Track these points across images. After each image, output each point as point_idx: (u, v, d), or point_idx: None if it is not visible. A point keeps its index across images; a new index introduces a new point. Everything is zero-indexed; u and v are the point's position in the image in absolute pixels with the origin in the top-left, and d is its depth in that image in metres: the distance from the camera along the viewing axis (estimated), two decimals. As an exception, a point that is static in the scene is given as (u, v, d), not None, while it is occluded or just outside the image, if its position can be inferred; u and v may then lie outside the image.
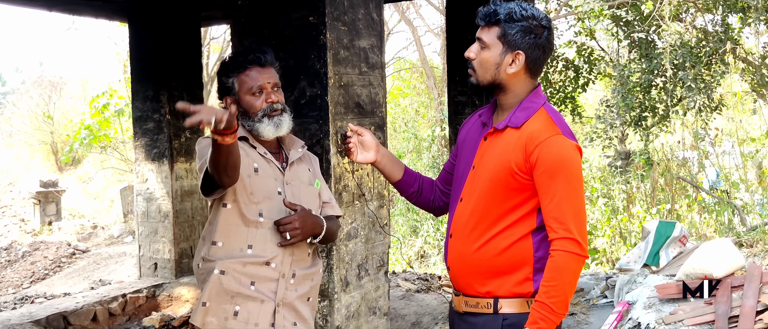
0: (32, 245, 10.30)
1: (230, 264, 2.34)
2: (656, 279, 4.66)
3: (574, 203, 2.03)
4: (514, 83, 2.13)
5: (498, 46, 2.10)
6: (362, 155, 2.40)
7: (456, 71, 5.92)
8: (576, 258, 2.02)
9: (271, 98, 2.39)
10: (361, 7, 3.60)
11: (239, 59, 2.42)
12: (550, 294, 2.00)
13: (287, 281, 2.40)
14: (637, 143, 14.16)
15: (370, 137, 2.40)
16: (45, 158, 18.31)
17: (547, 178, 2.03)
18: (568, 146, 2.06)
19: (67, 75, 22.62)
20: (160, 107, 6.43)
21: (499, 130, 2.14)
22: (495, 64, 2.11)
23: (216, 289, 2.34)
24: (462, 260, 2.18)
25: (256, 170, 2.38)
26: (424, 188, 2.46)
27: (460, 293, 2.22)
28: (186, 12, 6.54)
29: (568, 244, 2.01)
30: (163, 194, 6.47)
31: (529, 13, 2.08)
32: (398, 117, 17.52)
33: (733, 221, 7.58)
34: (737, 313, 3.66)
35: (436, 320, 5.63)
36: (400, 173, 2.44)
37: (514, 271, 2.12)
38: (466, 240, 2.17)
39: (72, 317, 5.58)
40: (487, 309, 2.14)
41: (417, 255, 11.03)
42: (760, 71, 12.31)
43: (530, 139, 2.06)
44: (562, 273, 2.01)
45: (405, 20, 16.65)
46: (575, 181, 2.05)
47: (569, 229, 2.02)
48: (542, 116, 2.11)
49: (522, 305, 2.12)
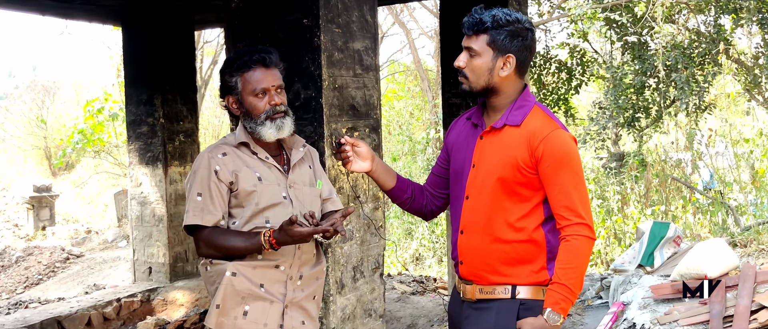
0: (26, 250, 10.25)
1: (241, 266, 2.34)
2: (651, 279, 4.67)
3: (580, 191, 2.18)
4: (505, 84, 2.24)
5: (489, 53, 2.20)
6: (358, 165, 2.45)
7: (450, 74, 5.93)
8: (589, 241, 2.16)
9: (275, 100, 2.37)
10: (355, 9, 3.60)
11: (244, 58, 2.38)
12: (568, 275, 2.14)
13: (294, 282, 2.42)
14: (630, 144, 14.20)
15: (365, 148, 2.45)
16: (38, 162, 18.24)
17: (553, 170, 2.17)
18: (568, 139, 2.21)
19: (60, 79, 22.57)
20: (154, 110, 6.41)
21: (497, 129, 2.25)
22: (488, 70, 2.21)
23: (228, 290, 2.34)
24: (477, 253, 2.27)
25: (259, 180, 2.37)
26: (416, 194, 2.54)
27: (472, 282, 2.30)
28: (179, 15, 6.54)
29: (581, 229, 2.15)
30: (158, 198, 6.45)
31: (514, 17, 2.20)
32: (393, 120, 17.52)
33: (727, 222, 7.61)
34: (732, 313, 3.67)
35: (431, 322, 5.63)
36: (393, 182, 2.50)
37: (530, 262, 2.23)
38: (481, 235, 2.26)
39: (66, 322, 5.56)
40: (505, 294, 2.24)
41: (412, 258, 11.03)
42: (753, 72, 12.36)
43: (533, 135, 2.18)
44: (577, 255, 2.14)
45: (399, 23, 16.66)
46: (578, 170, 2.20)
47: (580, 215, 2.16)
48: (539, 113, 2.24)
49: (538, 292, 2.23)
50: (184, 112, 6.63)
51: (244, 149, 2.41)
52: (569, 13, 12.10)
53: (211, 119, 17.17)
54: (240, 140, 2.40)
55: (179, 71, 6.59)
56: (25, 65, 42.01)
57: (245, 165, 2.36)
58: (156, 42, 6.41)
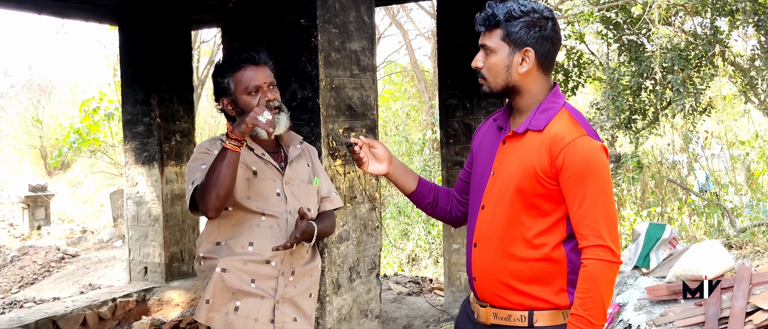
0: (21, 249, 10.22)
1: (231, 262, 2.38)
2: (647, 280, 4.68)
3: (605, 208, 1.94)
4: (528, 82, 2.03)
5: (504, 48, 2.00)
6: (374, 167, 2.26)
7: (447, 74, 5.92)
8: (610, 265, 1.92)
9: (268, 96, 2.40)
10: (352, 9, 3.60)
11: (233, 59, 2.42)
12: (586, 305, 1.90)
13: (286, 278, 2.44)
14: (627, 145, 14.22)
15: (382, 149, 2.27)
16: (34, 162, 18.20)
17: (574, 182, 1.93)
18: (595, 148, 1.96)
19: (56, 79, 22.55)
20: (151, 110, 6.40)
21: (519, 133, 2.03)
22: (505, 67, 2.01)
23: (218, 286, 2.38)
24: (489, 270, 2.07)
25: (254, 173, 2.40)
26: (439, 199, 2.35)
27: (486, 304, 2.11)
28: (176, 15, 6.53)
29: (601, 252, 1.92)
30: (154, 198, 6.44)
31: (529, 7, 1.99)
32: (389, 121, 17.52)
33: (723, 224, 7.63)
34: (727, 315, 3.68)
35: (427, 323, 5.63)
36: (414, 185, 2.32)
37: (548, 283, 2.02)
38: (493, 250, 2.06)
39: (61, 322, 5.55)
40: (522, 322, 2.03)
41: (408, 258, 11.02)
42: (749, 74, 12.40)
43: (554, 142, 1.95)
44: (597, 283, 1.91)
45: (396, 24, 16.66)
46: (604, 184, 1.95)
47: (601, 236, 1.92)
48: (564, 116, 2.01)
49: (557, 317, 2.03)
50: (180, 112, 6.62)
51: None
52: (566, 15, 12.12)
53: (208, 119, 17.17)
54: None
55: (176, 71, 6.58)
56: (21, 64, 41.95)
57: (242, 158, 2.38)
58: (152, 42, 6.39)
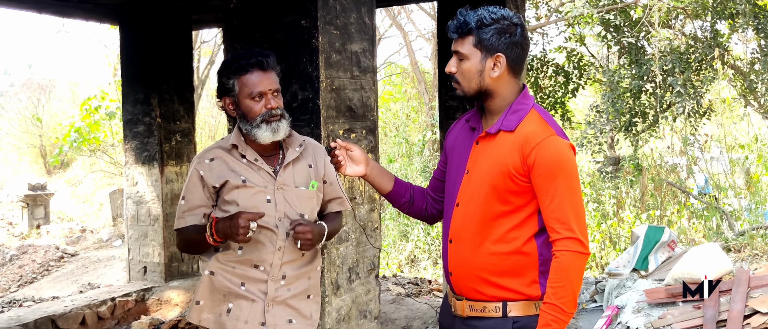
0: (20, 248, 10.22)
1: (219, 266, 2.42)
2: (645, 283, 4.68)
3: (573, 203, 2.06)
4: (499, 86, 2.14)
5: (476, 54, 2.12)
6: (352, 169, 2.39)
7: (447, 76, 5.93)
8: (580, 256, 2.05)
9: (271, 103, 2.39)
10: (353, 11, 3.60)
11: (241, 61, 2.41)
12: (558, 294, 2.02)
13: (277, 282, 2.44)
14: (626, 148, 14.24)
15: (358, 151, 2.39)
16: (33, 161, 18.21)
17: (545, 179, 2.05)
18: (564, 146, 2.08)
19: (56, 78, 22.56)
20: (151, 110, 6.41)
21: (492, 134, 2.14)
22: (477, 72, 2.13)
23: (208, 288, 2.44)
24: (465, 265, 2.18)
25: (244, 182, 2.41)
26: (415, 198, 2.46)
27: (462, 297, 2.21)
28: (177, 15, 6.53)
29: (571, 243, 2.04)
30: (153, 198, 6.45)
31: (499, 14, 2.10)
32: (389, 122, 17.54)
33: (722, 227, 7.64)
34: (725, 317, 3.69)
35: (426, 324, 5.63)
36: (390, 185, 2.44)
37: (520, 275, 2.13)
38: (468, 245, 2.17)
39: (60, 321, 5.55)
40: (496, 313, 2.14)
41: (407, 260, 11.03)
42: (749, 78, 12.41)
43: (526, 141, 2.07)
44: (568, 272, 2.03)
45: (396, 25, 16.68)
46: (573, 180, 2.07)
47: (571, 228, 2.04)
48: (534, 117, 2.13)
49: (529, 307, 2.13)
50: (180, 112, 6.62)
51: (234, 152, 2.45)
52: (566, 17, 12.13)
53: (208, 119, 17.19)
54: (231, 142, 2.45)
55: (176, 71, 6.58)
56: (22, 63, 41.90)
57: (230, 170, 2.41)
58: (153, 41, 6.40)
